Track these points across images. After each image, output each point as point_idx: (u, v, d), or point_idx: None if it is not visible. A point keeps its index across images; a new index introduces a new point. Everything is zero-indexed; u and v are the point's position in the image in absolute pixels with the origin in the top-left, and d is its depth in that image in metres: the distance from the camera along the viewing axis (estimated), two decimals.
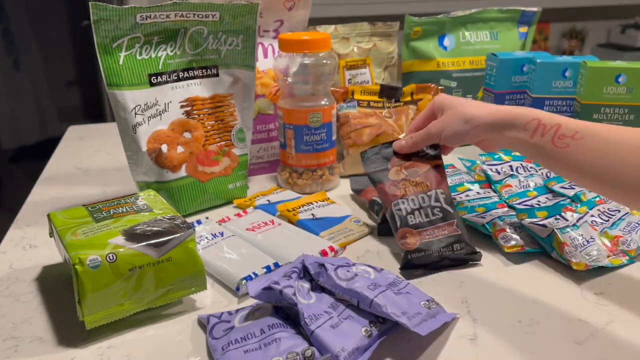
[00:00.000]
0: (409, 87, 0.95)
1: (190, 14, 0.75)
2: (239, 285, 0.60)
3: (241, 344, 0.49)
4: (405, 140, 0.69)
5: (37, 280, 0.64)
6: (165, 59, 0.76)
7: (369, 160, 0.72)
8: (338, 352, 0.47)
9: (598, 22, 2.97)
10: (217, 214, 0.81)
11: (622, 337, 0.53)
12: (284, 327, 0.50)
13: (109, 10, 0.69)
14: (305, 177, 0.86)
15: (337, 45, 1.00)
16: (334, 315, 0.51)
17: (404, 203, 0.67)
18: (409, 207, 0.67)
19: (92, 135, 1.20)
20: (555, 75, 0.92)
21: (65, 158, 1.06)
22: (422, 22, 1.04)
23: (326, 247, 0.67)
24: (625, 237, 0.67)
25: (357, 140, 0.91)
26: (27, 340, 0.54)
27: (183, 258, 0.56)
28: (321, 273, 0.54)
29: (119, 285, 0.53)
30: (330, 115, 0.85)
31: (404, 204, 0.67)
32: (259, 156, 0.95)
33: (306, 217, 0.75)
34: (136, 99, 0.73)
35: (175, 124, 0.77)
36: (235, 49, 0.81)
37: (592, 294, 0.60)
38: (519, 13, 1.09)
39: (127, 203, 0.63)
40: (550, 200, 0.78)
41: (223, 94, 0.82)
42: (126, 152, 0.75)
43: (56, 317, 0.58)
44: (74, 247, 0.53)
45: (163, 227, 0.57)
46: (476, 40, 1.07)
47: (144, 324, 0.56)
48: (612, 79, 0.86)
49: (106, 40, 0.71)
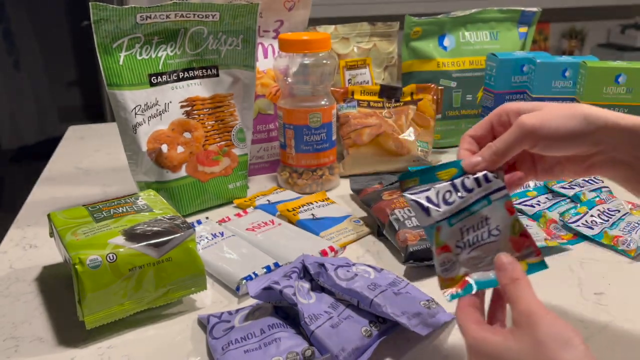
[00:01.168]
0: (409, 87, 0.95)
1: (190, 14, 0.75)
2: (239, 285, 0.60)
3: (241, 344, 0.49)
4: (481, 154, 0.46)
5: (37, 280, 0.64)
6: (166, 59, 0.76)
7: None
8: (338, 352, 0.47)
9: (598, 22, 2.97)
10: (217, 214, 0.81)
11: (622, 337, 0.53)
12: (284, 327, 0.50)
13: (109, 11, 0.69)
14: (305, 177, 0.86)
15: (337, 46, 1.00)
16: (334, 315, 0.51)
17: (400, 212, 0.70)
18: (406, 214, 0.69)
19: (92, 135, 1.20)
20: (555, 76, 0.92)
21: (65, 158, 1.06)
22: (422, 22, 1.04)
23: (326, 247, 0.67)
24: (625, 237, 0.67)
25: (357, 140, 0.91)
26: (27, 340, 0.54)
27: (183, 258, 0.56)
28: (321, 273, 0.54)
29: (119, 285, 0.53)
30: (330, 116, 0.85)
31: (400, 212, 0.70)
32: (259, 156, 0.95)
33: (306, 217, 0.75)
34: (136, 99, 0.73)
35: (175, 124, 0.77)
36: (235, 49, 0.81)
37: (592, 294, 0.60)
38: (518, 13, 1.09)
39: (127, 203, 0.63)
40: (550, 200, 0.78)
41: (223, 94, 0.82)
42: (126, 152, 0.75)
43: (56, 317, 0.58)
44: (74, 247, 0.53)
45: (163, 227, 0.57)
46: (476, 41, 1.07)
47: (144, 324, 0.56)
48: (612, 79, 0.86)
49: (106, 41, 0.71)
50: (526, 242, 0.45)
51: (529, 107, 0.46)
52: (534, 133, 0.44)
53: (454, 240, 0.45)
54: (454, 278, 0.45)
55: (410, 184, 0.47)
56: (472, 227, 0.45)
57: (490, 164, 0.45)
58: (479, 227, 0.45)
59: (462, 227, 0.45)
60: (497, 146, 0.45)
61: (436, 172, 0.46)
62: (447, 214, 0.45)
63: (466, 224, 0.45)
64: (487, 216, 0.45)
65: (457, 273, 0.45)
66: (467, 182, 0.45)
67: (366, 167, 0.93)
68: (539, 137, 0.44)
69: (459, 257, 0.45)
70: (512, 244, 0.45)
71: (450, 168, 0.46)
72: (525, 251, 0.45)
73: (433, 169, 0.46)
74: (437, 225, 0.45)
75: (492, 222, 0.45)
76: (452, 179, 0.46)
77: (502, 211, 0.45)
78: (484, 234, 0.45)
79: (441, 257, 0.45)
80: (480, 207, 0.45)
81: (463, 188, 0.45)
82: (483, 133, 0.49)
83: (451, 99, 1.06)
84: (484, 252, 0.45)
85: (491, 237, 0.45)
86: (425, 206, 0.45)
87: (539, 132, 0.43)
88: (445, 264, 0.45)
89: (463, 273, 0.45)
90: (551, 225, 0.72)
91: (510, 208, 0.45)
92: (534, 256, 0.45)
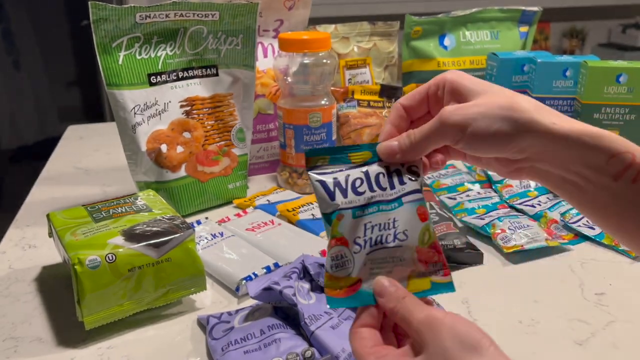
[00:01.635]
0: (409, 86, 0.95)
1: (189, 14, 0.75)
2: (238, 286, 0.60)
3: (241, 345, 0.49)
4: (398, 141, 0.41)
5: (37, 281, 0.64)
6: (165, 59, 0.75)
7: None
8: (338, 352, 0.47)
9: (599, 22, 2.97)
10: (216, 214, 0.80)
11: (623, 338, 0.53)
12: (284, 328, 0.50)
13: (108, 10, 0.69)
14: (305, 177, 0.86)
15: (337, 45, 1.00)
16: (334, 316, 0.51)
17: None
18: None
19: (91, 135, 1.20)
20: (556, 75, 0.92)
21: (64, 158, 1.06)
22: (423, 21, 1.04)
23: (326, 248, 0.67)
24: None
25: (357, 140, 0.91)
26: (26, 340, 0.54)
27: (183, 258, 0.56)
28: (321, 273, 0.54)
29: (118, 286, 0.53)
30: (330, 115, 0.85)
31: None
32: (259, 156, 0.95)
33: (306, 217, 0.75)
34: (135, 98, 0.73)
35: (174, 123, 0.77)
36: (235, 49, 0.81)
37: (592, 294, 0.59)
38: (519, 13, 1.09)
39: (126, 203, 0.63)
40: (551, 200, 0.78)
41: (223, 93, 0.81)
42: (126, 152, 0.75)
43: (56, 318, 0.57)
44: (74, 248, 0.53)
45: (162, 227, 0.57)
46: (476, 40, 1.07)
47: (144, 324, 0.56)
48: (612, 79, 0.85)
49: (106, 40, 0.70)
50: (435, 257, 0.40)
51: (466, 90, 0.40)
52: (457, 131, 0.38)
53: (354, 234, 0.39)
54: (343, 278, 0.39)
55: (319, 162, 0.41)
56: (378, 226, 0.39)
57: (406, 155, 0.40)
58: (385, 227, 0.39)
59: (367, 223, 0.39)
60: (416, 137, 0.40)
61: (348, 152, 0.41)
62: (354, 204, 0.39)
63: (372, 220, 0.39)
64: (395, 218, 0.39)
65: (349, 274, 0.39)
66: (381, 180, 0.40)
67: None
68: (462, 136, 0.39)
69: (356, 255, 0.39)
70: (417, 255, 0.39)
71: (364, 151, 0.41)
72: (433, 267, 0.40)
73: (345, 148, 0.41)
74: (338, 213, 0.39)
75: (399, 225, 0.39)
76: (365, 163, 0.41)
77: (412, 215, 0.39)
78: (388, 236, 0.39)
79: (334, 250, 0.39)
80: (390, 207, 0.39)
81: (376, 184, 0.40)
82: (415, 104, 0.43)
83: None
84: (384, 257, 0.39)
85: (396, 241, 0.39)
86: (332, 190, 0.39)
87: (462, 131, 0.38)
88: (337, 259, 0.39)
89: (355, 276, 0.39)
90: (552, 226, 0.72)
91: (423, 214, 0.40)
92: (440, 275, 0.40)
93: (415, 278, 0.39)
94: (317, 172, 0.40)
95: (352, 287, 0.39)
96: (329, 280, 0.39)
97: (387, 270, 0.39)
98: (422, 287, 0.40)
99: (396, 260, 0.39)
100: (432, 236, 0.40)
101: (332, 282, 0.39)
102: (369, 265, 0.39)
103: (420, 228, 0.39)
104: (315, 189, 0.40)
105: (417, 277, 0.39)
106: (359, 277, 0.39)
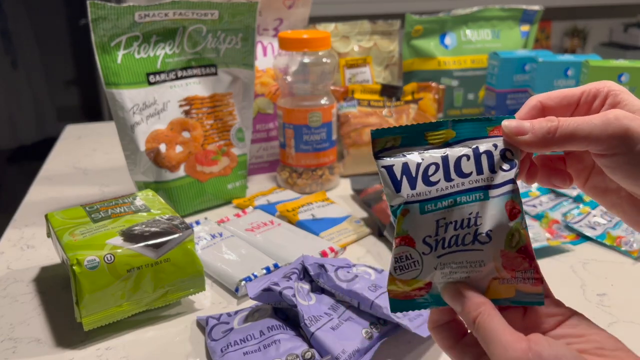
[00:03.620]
0: (409, 86, 0.94)
1: (189, 13, 0.75)
2: (238, 286, 0.60)
3: (240, 346, 0.48)
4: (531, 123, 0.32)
5: (35, 281, 0.64)
6: (164, 58, 0.75)
7: None
8: (338, 354, 0.47)
9: (600, 21, 2.97)
10: (216, 214, 0.80)
11: (625, 338, 0.52)
12: (284, 329, 0.50)
13: (107, 9, 0.69)
14: (305, 177, 0.86)
15: (337, 44, 1.00)
16: (334, 317, 0.50)
17: None
18: None
19: (89, 134, 1.19)
20: (558, 74, 0.92)
21: (63, 157, 1.06)
22: (423, 20, 1.03)
23: (326, 248, 0.67)
24: (628, 238, 0.66)
25: (357, 139, 0.91)
26: (25, 341, 0.54)
27: (182, 259, 0.56)
28: (321, 274, 0.54)
29: (117, 286, 0.53)
30: (330, 115, 0.85)
31: None
32: (259, 156, 0.94)
33: (306, 218, 0.74)
34: (134, 98, 0.73)
35: (173, 123, 0.77)
36: (235, 48, 0.80)
37: (594, 295, 0.59)
38: (520, 11, 1.08)
39: (125, 203, 0.62)
40: (553, 200, 0.77)
41: (222, 93, 0.81)
42: (124, 151, 0.75)
43: (54, 318, 0.57)
44: (72, 248, 0.53)
45: (161, 227, 0.56)
46: (478, 39, 1.06)
47: (143, 325, 0.56)
48: (614, 78, 0.85)
49: (104, 39, 0.70)
50: (524, 263, 0.32)
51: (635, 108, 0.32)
52: (626, 139, 0.30)
53: (423, 233, 0.33)
54: (408, 281, 0.33)
55: (388, 143, 0.33)
56: (454, 223, 0.32)
57: (537, 138, 0.31)
58: (462, 225, 0.32)
59: (440, 219, 0.33)
60: (563, 125, 0.31)
61: (425, 131, 0.33)
62: (423, 197, 0.33)
63: (446, 217, 0.32)
64: (478, 213, 0.32)
65: (416, 277, 0.33)
66: (463, 164, 0.33)
67: (367, 166, 0.92)
68: (626, 150, 0.30)
69: (425, 257, 0.33)
70: (503, 260, 0.32)
71: (445, 129, 0.33)
72: (521, 275, 0.33)
73: (421, 127, 0.34)
74: (403, 208, 0.33)
75: (482, 223, 0.32)
76: (447, 144, 0.33)
77: (499, 212, 0.32)
78: (467, 236, 0.32)
79: (398, 251, 0.33)
80: (470, 199, 0.32)
81: (456, 170, 0.33)
82: (558, 107, 0.34)
83: (452, 98, 1.06)
84: (460, 261, 0.33)
85: (476, 243, 0.32)
86: (398, 178, 0.33)
87: (632, 143, 0.29)
88: (401, 260, 0.33)
89: (424, 279, 0.33)
90: (554, 226, 0.71)
91: (513, 209, 0.32)
92: (530, 283, 0.33)
93: (497, 285, 0.33)
94: (385, 156, 0.33)
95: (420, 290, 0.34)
96: (391, 283, 0.34)
97: (463, 276, 0.33)
98: (505, 295, 0.33)
99: (475, 266, 0.33)
100: (523, 238, 0.32)
101: (395, 286, 0.34)
102: (440, 270, 0.33)
103: (508, 228, 0.32)
104: (382, 177, 0.33)
105: (500, 284, 0.33)
106: (429, 281, 0.33)
